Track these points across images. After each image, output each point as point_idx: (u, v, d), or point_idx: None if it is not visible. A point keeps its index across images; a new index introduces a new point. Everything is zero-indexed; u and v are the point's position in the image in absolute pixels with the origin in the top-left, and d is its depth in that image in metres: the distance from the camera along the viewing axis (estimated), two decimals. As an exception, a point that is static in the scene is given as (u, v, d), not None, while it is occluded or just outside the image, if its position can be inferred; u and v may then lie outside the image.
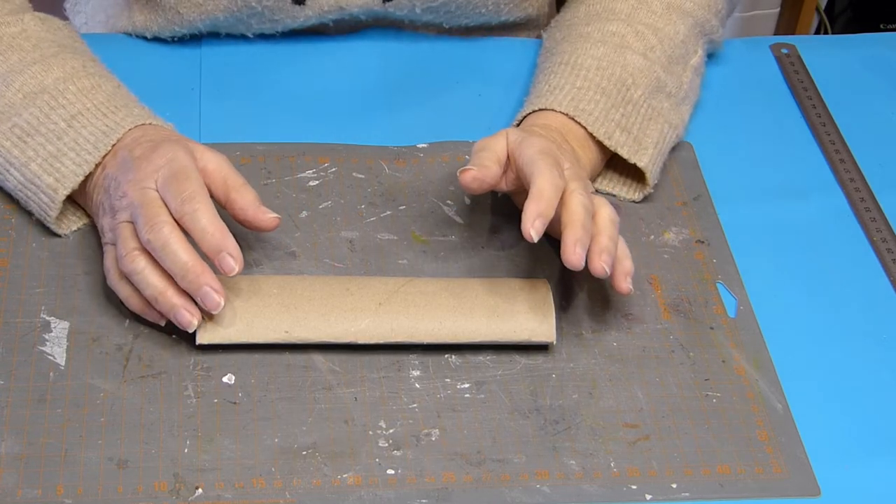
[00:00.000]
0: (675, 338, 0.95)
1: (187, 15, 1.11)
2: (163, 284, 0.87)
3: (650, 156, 1.03)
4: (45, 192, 0.94)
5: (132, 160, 0.91)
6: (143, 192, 0.88)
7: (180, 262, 0.86)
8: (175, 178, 0.88)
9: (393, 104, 1.12)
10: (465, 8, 1.16)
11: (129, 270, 0.88)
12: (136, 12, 1.15)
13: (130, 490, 0.82)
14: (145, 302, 0.89)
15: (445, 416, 0.88)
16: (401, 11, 1.14)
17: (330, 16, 1.13)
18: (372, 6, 1.13)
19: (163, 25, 1.13)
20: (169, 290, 0.87)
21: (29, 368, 0.88)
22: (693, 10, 1.11)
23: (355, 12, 1.13)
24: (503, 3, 1.17)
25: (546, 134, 0.98)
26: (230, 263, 0.86)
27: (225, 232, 0.87)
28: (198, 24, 1.12)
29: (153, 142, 0.92)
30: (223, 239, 0.87)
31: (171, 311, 0.87)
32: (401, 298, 0.91)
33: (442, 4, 1.14)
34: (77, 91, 0.97)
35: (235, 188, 0.92)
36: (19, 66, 0.98)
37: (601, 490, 0.85)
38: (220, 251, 0.87)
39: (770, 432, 0.90)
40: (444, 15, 1.16)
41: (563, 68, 1.05)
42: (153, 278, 0.87)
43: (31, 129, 0.95)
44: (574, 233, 0.88)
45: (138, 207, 0.88)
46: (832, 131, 1.14)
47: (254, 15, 1.11)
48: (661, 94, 1.06)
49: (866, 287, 1.01)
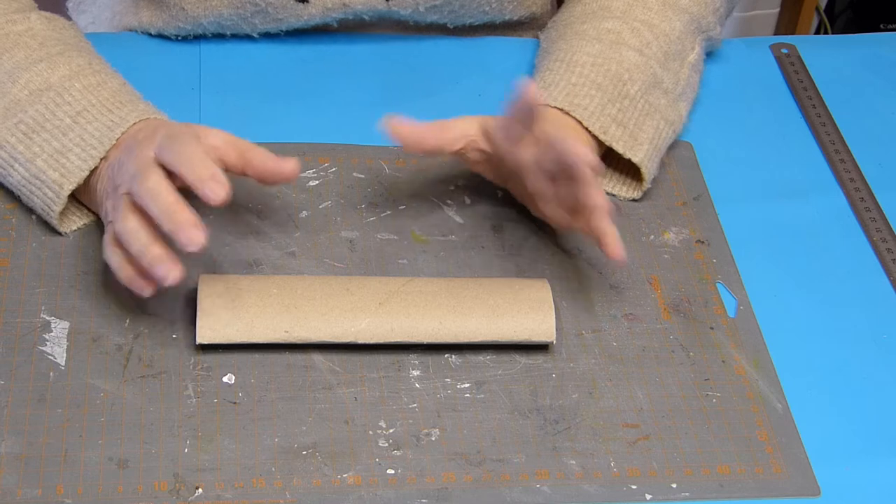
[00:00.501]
0: (675, 338, 0.95)
1: (192, 11, 1.12)
2: (149, 239, 0.86)
3: (645, 151, 1.03)
4: (51, 188, 0.94)
5: (136, 143, 0.91)
6: (142, 158, 0.88)
7: (161, 202, 0.85)
8: (167, 138, 0.88)
9: (393, 104, 1.12)
10: (468, 6, 1.16)
11: (119, 230, 0.88)
12: (143, 9, 1.15)
13: (130, 490, 0.82)
14: (133, 269, 0.88)
15: (445, 416, 0.88)
16: (404, 11, 1.14)
17: (334, 14, 1.13)
18: (375, 5, 1.13)
19: (168, 22, 1.14)
20: (154, 243, 0.86)
21: (29, 368, 0.88)
22: (689, 7, 1.11)
23: (359, 10, 1.13)
24: (506, 1, 1.17)
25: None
26: (214, 188, 0.84)
27: (207, 162, 0.85)
28: (202, 21, 1.13)
29: (154, 127, 0.93)
30: (205, 168, 0.85)
31: (152, 264, 0.86)
32: (401, 298, 0.91)
33: (445, 3, 1.14)
34: (82, 88, 0.97)
35: (248, 149, 0.92)
36: (25, 63, 0.98)
37: (601, 490, 0.85)
38: (203, 179, 0.84)
39: (770, 432, 0.90)
40: (447, 14, 1.16)
41: (559, 65, 1.05)
42: (140, 233, 0.87)
43: (37, 125, 0.96)
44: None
45: (135, 172, 0.88)
46: (832, 131, 1.14)
47: (258, 13, 1.12)
48: (657, 90, 1.06)
49: (866, 287, 1.01)
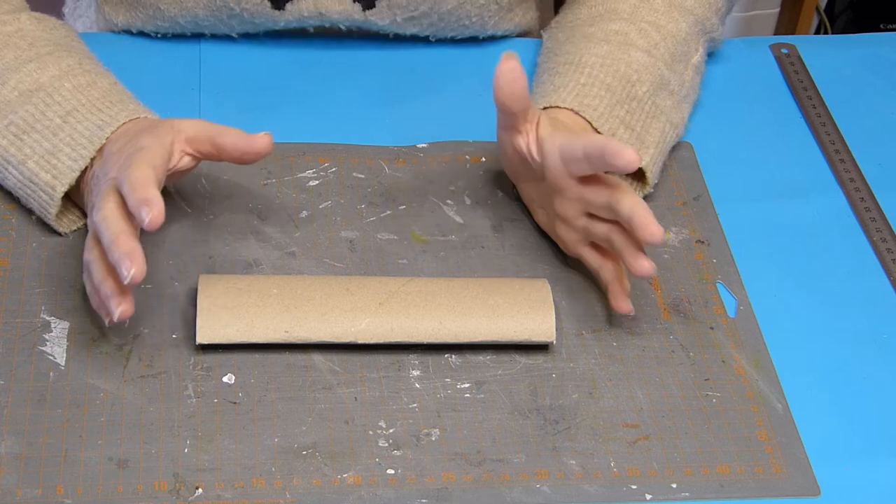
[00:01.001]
0: (675, 338, 0.95)
1: (167, 11, 1.11)
2: (104, 273, 0.86)
3: (651, 155, 1.03)
4: (44, 190, 0.94)
5: (109, 156, 0.91)
6: (105, 181, 0.88)
7: (108, 235, 0.84)
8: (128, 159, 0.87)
9: (393, 104, 1.12)
10: (447, 19, 1.14)
11: (84, 261, 0.88)
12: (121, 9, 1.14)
13: (130, 490, 0.82)
14: (99, 297, 0.88)
15: (445, 415, 0.88)
16: (382, 21, 1.13)
17: (310, 21, 1.12)
18: (352, 14, 1.12)
19: (146, 21, 1.13)
20: (108, 278, 0.86)
21: (29, 368, 0.88)
22: (694, 8, 1.11)
23: (335, 19, 1.12)
24: (487, 16, 1.15)
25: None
26: (147, 212, 0.82)
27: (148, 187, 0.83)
28: (179, 21, 1.12)
29: (130, 136, 0.92)
30: (145, 191, 0.83)
31: (105, 299, 0.85)
32: (401, 298, 0.91)
33: (423, 15, 1.13)
34: (72, 88, 0.97)
35: (218, 135, 0.92)
36: (15, 63, 0.98)
37: (601, 490, 0.85)
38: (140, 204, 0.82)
39: (770, 432, 0.90)
40: (427, 27, 1.15)
41: (567, 68, 1.05)
42: (99, 267, 0.86)
43: (27, 126, 0.95)
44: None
45: (97, 196, 0.88)
46: (832, 131, 1.14)
47: (234, 16, 1.11)
48: (664, 92, 1.06)
49: (866, 287, 1.01)
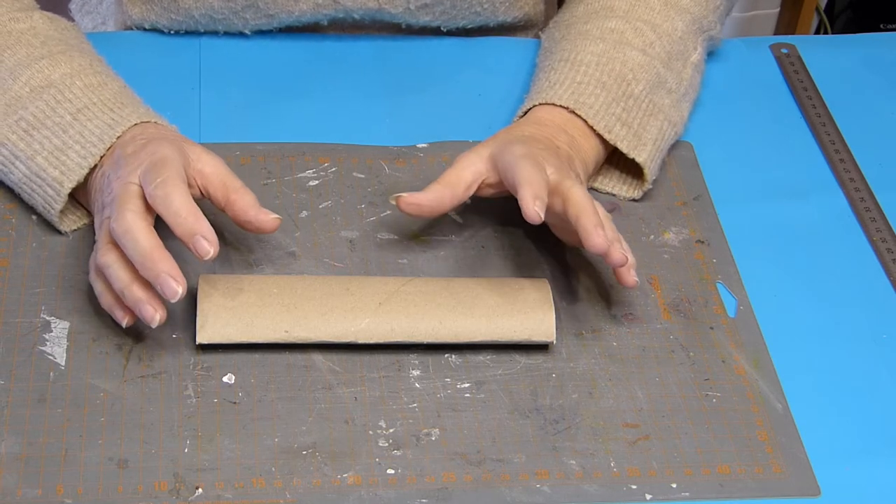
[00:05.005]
0: (675, 338, 0.95)
1: (183, 3, 1.11)
2: (129, 278, 0.86)
3: (649, 151, 1.03)
4: (51, 185, 0.94)
5: (123, 157, 0.91)
6: (125, 186, 0.88)
7: (139, 248, 0.84)
8: (153, 167, 0.87)
9: (393, 104, 1.12)
10: (460, 7, 1.15)
11: (101, 263, 0.88)
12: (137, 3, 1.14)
13: (130, 490, 0.82)
14: (115, 298, 0.88)
15: (445, 415, 0.88)
16: (395, 9, 1.14)
17: (325, 11, 1.13)
18: (366, 3, 1.12)
19: (160, 14, 1.13)
20: (135, 283, 0.86)
21: (29, 368, 0.88)
22: (691, 7, 1.11)
23: (350, 8, 1.13)
24: (498, 2, 1.17)
25: (537, 132, 0.99)
26: (204, 246, 0.85)
27: (198, 215, 0.85)
28: (194, 14, 1.12)
29: (146, 139, 0.92)
30: (196, 222, 0.85)
31: (135, 304, 0.86)
32: (401, 298, 0.91)
33: (437, 2, 1.14)
34: (83, 87, 0.97)
35: (234, 189, 0.91)
36: (27, 60, 0.98)
37: (601, 490, 0.85)
38: (194, 234, 0.85)
39: (770, 432, 0.90)
40: (440, 15, 1.16)
41: (563, 65, 1.05)
42: (121, 271, 0.86)
43: (38, 122, 0.96)
44: (590, 218, 0.89)
45: (114, 198, 0.88)
46: (832, 131, 1.14)
47: (249, 7, 1.11)
48: (661, 90, 1.06)
49: (866, 287, 1.01)
